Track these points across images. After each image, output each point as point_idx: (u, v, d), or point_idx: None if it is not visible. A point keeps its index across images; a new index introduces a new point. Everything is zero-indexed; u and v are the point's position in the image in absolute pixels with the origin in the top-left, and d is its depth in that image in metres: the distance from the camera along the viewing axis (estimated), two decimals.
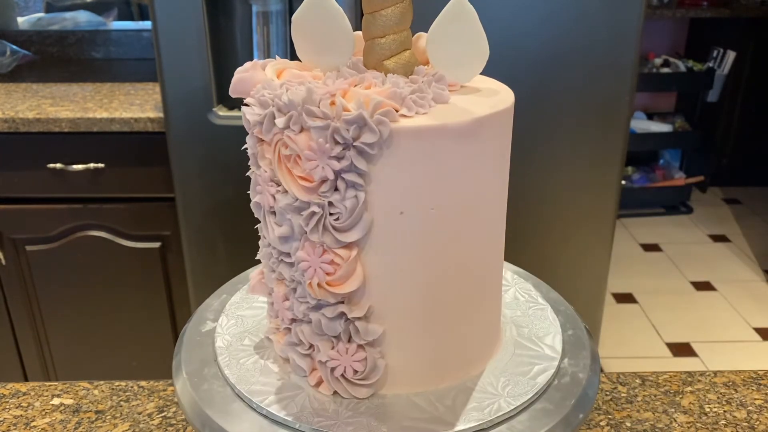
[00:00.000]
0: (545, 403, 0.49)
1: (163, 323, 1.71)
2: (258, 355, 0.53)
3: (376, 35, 0.48)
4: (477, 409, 0.48)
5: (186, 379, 0.51)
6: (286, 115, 0.43)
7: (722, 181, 3.49)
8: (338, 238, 0.44)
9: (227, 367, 0.52)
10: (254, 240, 0.53)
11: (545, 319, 0.58)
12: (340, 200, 0.43)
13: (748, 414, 0.70)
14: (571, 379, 0.51)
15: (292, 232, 0.46)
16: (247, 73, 0.48)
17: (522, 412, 0.48)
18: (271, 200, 0.47)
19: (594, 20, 1.35)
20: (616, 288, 2.64)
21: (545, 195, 1.49)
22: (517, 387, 0.50)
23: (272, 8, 1.39)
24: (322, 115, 0.42)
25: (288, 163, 0.44)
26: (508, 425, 0.47)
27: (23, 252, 1.63)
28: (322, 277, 0.45)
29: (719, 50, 3.20)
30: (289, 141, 0.43)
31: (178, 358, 0.54)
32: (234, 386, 0.50)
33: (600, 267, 1.58)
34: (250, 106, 0.47)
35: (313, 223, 0.44)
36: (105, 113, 1.51)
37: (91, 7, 2.21)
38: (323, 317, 0.47)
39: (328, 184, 0.43)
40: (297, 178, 0.44)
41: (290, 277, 0.48)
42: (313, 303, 0.47)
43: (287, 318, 0.50)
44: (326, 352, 0.47)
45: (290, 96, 0.43)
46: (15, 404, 0.72)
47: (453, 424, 0.46)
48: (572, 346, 0.55)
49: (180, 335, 0.58)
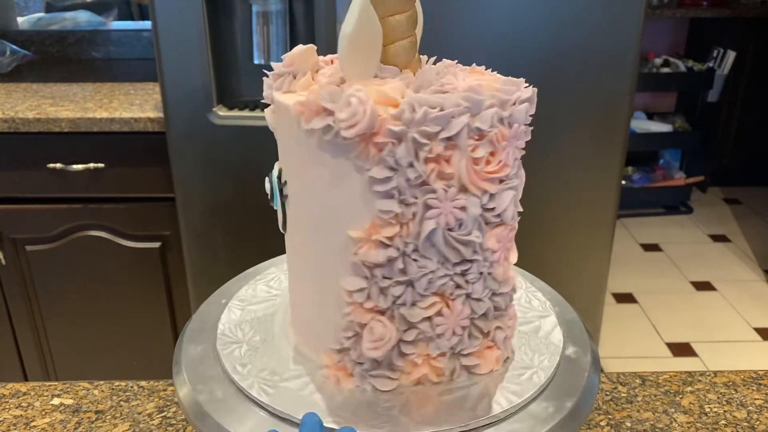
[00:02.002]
0: (545, 403, 0.49)
1: (163, 323, 1.71)
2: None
3: (386, 42, 0.48)
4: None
5: (186, 378, 0.51)
6: (484, 113, 0.44)
7: (722, 181, 3.49)
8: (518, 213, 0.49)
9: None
10: (254, 240, 0.54)
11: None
12: (516, 176, 0.48)
13: (748, 414, 0.70)
14: (571, 378, 0.51)
15: (481, 232, 0.46)
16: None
17: (521, 412, 0.48)
18: (459, 213, 0.45)
19: (594, 20, 1.35)
20: (616, 288, 2.64)
21: (545, 195, 1.49)
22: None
23: (272, 8, 1.39)
24: (499, 104, 0.44)
25: (477, 165, 0.44)
26: (508, 425, 0.47)
27: (23, 252, 1.63)
28: (509, 258, 0.50)
29: (719, 50, 3.20)
30: (481, 141, 0.44)
31: (178, 357, 0.54)
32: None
33: (600, 267, 1.58)
34: (411, 131, 0.43)
35: (511, 206, 0.47)
36: (105, 113, 1.51)
37: (91, 7, 2.21)
38: (501, 298, 0.50)
39: (515, 165, 0.47)
40: (487, 174, 0.45)
41: (464, 284, 0.47)
42: (488, 293, 0.49)
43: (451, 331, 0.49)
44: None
45: (471, 97, 0.43)
46: (15, 404, 0.72)
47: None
48: (572, 346, 0.55)
49: (180, 335, 0.58)
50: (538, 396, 0.49)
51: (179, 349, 0.55)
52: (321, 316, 0.51)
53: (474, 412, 0.47)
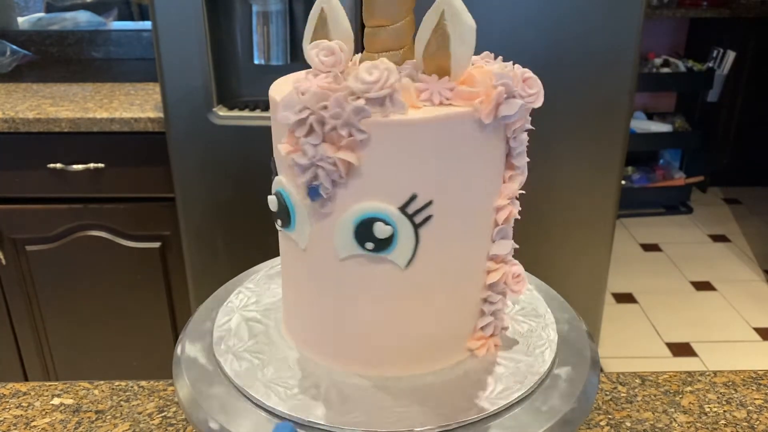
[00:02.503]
0: (545, 403, 0.49)
1: (163, 323, 1.71)
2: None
3: (378, 49, 0.48)
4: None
5: (186, 379, 0.51)
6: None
7: (722, 181, 3.49)
8: None
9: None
10: (254, 239, 0.53)
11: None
12: None
13: (748, 414, 0.70)
14: (571, 378, 0.51)
15: None
16: None
17: (520, 411, 0.48)
18: None
19: (594, 20, 1.35)
20: (616, 288, 2.64)
21: (545, 195, 1.49)
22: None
23: (272, 8, 1.39)
24: None
25: None
26: (506, 423, 0.47)
27: (23, 252, 1.63)
28: None
29: (719, 50, 3.20)
30: None
31: (178, 357, 0.54)
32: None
33: (600, 267, 1.58)
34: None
35: None
36: (105, 113, 1.51)
37: (91, 7, 2.21)
38: None
39: None
40: None
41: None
42: None
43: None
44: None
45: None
46: (15, 404, 0.72)
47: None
48: (572, 346, 0.55)
49: (180, 335, 0.58)
50: (538, 395, 0.49)
51: (179, 349, 0.55)
52: (375, 323, 0.51)
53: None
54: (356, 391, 0.49)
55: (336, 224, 0.46)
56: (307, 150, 0.44)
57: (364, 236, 0.46)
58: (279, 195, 0.49)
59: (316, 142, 0.43)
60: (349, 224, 0.46)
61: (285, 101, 0.44)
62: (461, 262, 0.50)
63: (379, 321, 0.50)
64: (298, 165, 0.45)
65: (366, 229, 0.46)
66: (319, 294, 0.51)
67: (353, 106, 0.42)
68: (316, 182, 0.45)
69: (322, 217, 0.47)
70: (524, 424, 0.47)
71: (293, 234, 0.50)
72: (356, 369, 0.51)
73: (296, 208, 0.48)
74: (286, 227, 0.50)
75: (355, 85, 0.42)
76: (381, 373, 0.51)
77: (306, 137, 0.44)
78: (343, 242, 0.47)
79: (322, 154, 0.43)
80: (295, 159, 0.44)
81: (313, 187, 0.45)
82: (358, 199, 0.45)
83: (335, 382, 0.50)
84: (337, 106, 0.42)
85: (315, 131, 0.43)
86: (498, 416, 0.47)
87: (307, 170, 0.44)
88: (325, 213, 0.47)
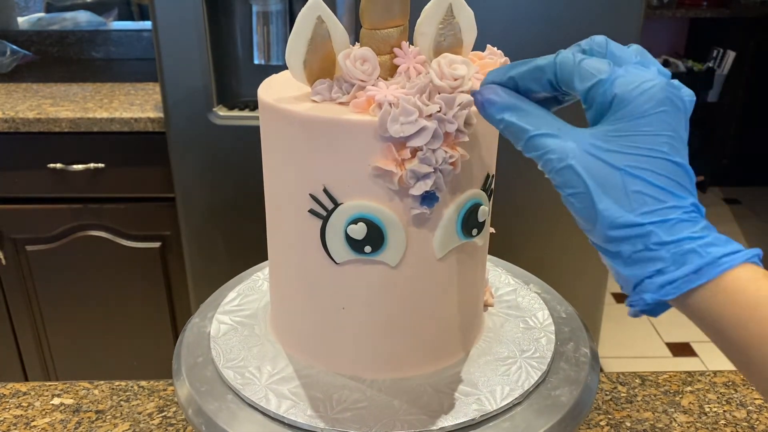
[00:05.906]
0: (545, 403, 0.49)
1: (163, 323, 1.72)
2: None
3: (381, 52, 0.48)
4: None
5: (186, 379, 0.51)
6: None
7: (722, 181, 3.48)
8: None
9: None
10: (254, 239, 0.53)
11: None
12: None
13: (747, 414, 0.70)
14: (571, 378, 0.51)
15: None
16: None
17: (520, 410, 0.48)
18: None
19: (594, 20, 1.35)
20: (616, 288, 2.64)
21: (545, 195, 1.49)
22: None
23: (272, 8, 1.39)
24: None
25: None
26: (506, 423, 0.47)
27: (23, 252, 1.63)
28: None
29: (719, 50, 3.20)
30: None
31: (178, 357, 0.54)
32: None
33: (600, 267, 1.58)
34: None
35: None
36: (105, 113, 1.51)
37: (91, 7, 2.21)
38: None
39: None
40: None
41: None
42: None
43: None
44: None
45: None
46: (15, 404, 0.72)
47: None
48: (572, 346, 0.55)
49: (180, 335, 0.58)
50: (537, 395, 0.49)
51: (179, 348, 0.55)
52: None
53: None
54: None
55: (440, 223, 0.47)
56: (428, 157, 0.43)
57: (470, 224, 0.48)
58: (366, 221, 0.45)
59: (436, 146, 0.43)
60: (455, 218, 0.47)
61: (394, 115, 0.42)
62: None
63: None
64: (417, 175, 0.44)
65: (471, 216, 0.48)
66: (380, 302, 0.50)
67: (466, 100, 0.43)
68: (434, 188, 0.44)
69: (422, 222, 0.46)
70: (524, 424, 0.47)
71: (379, 256, 0.47)
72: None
73: (390, 226, 0.46)
74: (376, 251, 0.46)
75: (450, 82, 0.44)
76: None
77: (428, 144, 0.43)
78: (447, 240, 0.48)
79: (443, 157, 0.43)
80: (415, 170, 0.43)
81: (429, 193, 0.44)
82: (462, 189, 0.47)
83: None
84: (457, 106, 0.43)
85: (438, 135, 0.43)
86: (498, 416, 0.47)
87: (428, 177, 0.44)
88: (427, 217, 0.46)
